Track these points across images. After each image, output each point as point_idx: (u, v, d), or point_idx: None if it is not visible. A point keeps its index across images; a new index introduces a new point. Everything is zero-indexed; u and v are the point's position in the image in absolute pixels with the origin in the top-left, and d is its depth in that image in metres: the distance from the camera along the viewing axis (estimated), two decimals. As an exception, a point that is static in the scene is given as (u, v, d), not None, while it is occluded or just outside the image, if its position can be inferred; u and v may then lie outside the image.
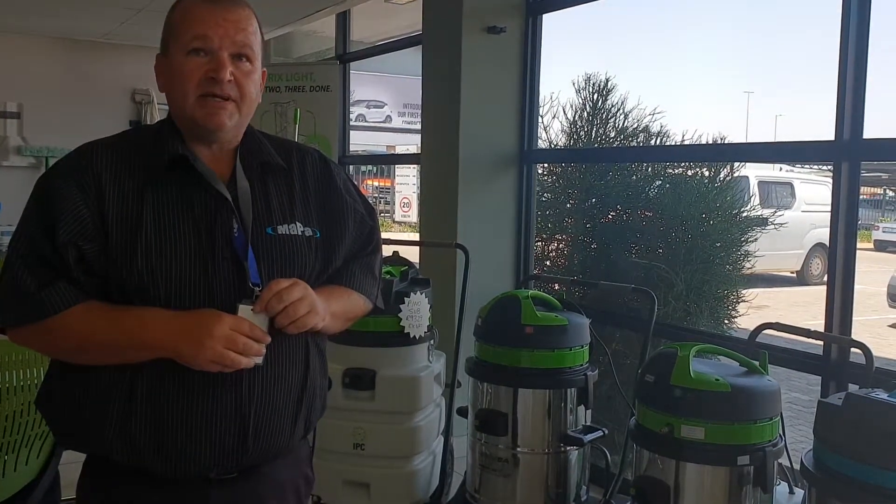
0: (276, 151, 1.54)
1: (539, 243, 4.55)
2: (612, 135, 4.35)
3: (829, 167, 3.09)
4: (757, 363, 2.44)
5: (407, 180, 16.96)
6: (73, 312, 1.35)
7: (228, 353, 1.32)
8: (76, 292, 1.36)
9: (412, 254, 4.21)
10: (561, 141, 4.47)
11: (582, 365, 2.98)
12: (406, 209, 17.01)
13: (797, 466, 2.21)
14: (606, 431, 3.02)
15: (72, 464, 2.62)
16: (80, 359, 1.40)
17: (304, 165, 1.57)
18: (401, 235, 13.60)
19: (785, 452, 2.38)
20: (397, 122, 15.66)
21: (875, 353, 2.44)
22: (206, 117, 1.41)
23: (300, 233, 1.49)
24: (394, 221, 17.36)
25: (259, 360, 1.36)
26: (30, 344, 1.46)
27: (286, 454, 1.53)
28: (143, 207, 1.38)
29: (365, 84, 13.88)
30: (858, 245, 2.99)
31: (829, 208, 2.93)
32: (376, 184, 18.45)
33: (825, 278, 3.00)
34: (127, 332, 1.35)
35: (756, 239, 4.07)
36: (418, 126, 4.69)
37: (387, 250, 1.75)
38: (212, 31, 1.40)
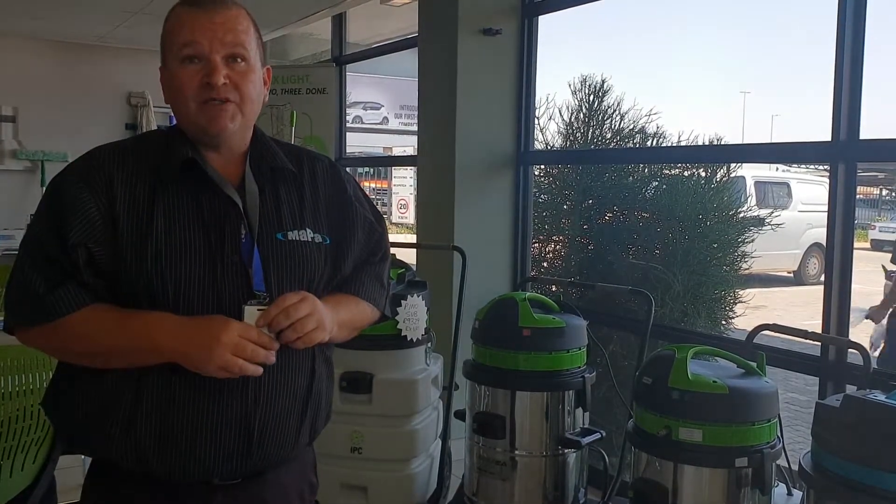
0: (286, 157, 1.53)
1: (536, 245, 4.55)
2: (609, 136, 4.35)
3: (826, 167, 3.09)
4: (754, 364, 2.44)
5: (404, 182, 16.92)
6: (81, 315, 1.35)
7: (237, 361, 1.31)
8: (85, 294, 1.36)
9: (409, 256, 4.21)
10: (557, 142, 4.48)
11: (579, 367, 2.98)
12: (403, 211, 16.99)
13: (795, 467, 2.21)
14: (604, 434, 3.02)
15: (68, 469, 2.62)
16: (87, 361, 1.39)
17: (315, 172, 1.56)
18: (398, 237, 13.59)
19: (783, 454, 2.38)
20: (394, 124, 15.64)
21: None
22: (208, 122, 1.41)
23: (310, 239, 1.49)
24: (391, 223, 17.34)
25: (271, 359, 1.35)
26: (38, 345, 1.45)
27: (291, 460, 1.53)
28: (153, 211, 1.38)
29: (362, 86, 13.87)
30: (855, 245, 2.99)
31: (825, 208, 2.93)
32: (373, 185, 18.43)
33: (822, 278, 3.00)
34: (134, 337, 1.35)
35: (753, 239, 4.07)
36: (415, 128, 4.69)
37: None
38: (200, 36, 1.39)
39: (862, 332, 4.79)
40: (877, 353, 4.52)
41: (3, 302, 1.47)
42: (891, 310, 4.61)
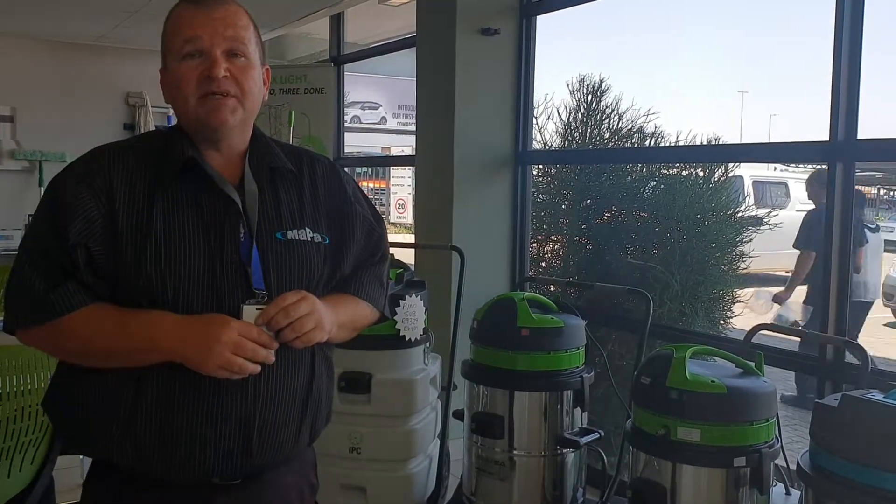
0: (286, 157, 1.54)
1: (534, 245, 4.55)
2: (607, 136, 4.36)
3: (824, 167, 3.10)
4: (753, 364, 2.44)
5: (402, 181, 16.92)
6: (80, 315, 1.35)
7: (237, 360, 1.32)
8: (84, 294, 1.36)
9: (408, 256, 4.20)
10: (555, 142, 4.47)
11: (578, 367, 2.98)
12: (401, 210, 16.98)
13: (794, 467, 2.21)
14: (603, 433, 3.02)
15: (67, 469, 2.62)
16: (88, 361, 1.39)
17: (315, 172, 1.57)
18: (396, 237, 13.58)
19: (781, 453, 2.38)
20: (392, 124, 15.63)
21: (871, 352, 2.44)
22: (208, 115, 1.41)
23: (309, 238, 1.49)
24: (389, 223, 17.32)
25: (271, 359, 1.36)
26: (38, 345, 1.45)
27: (291, 461, 1.53)
28: (153, 210, 1.38)
29: (360, 86, 13.86)
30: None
31: (823, 208, 2.94)
32: (371, 185, 18.42)
33: (820, 277, 3.00)
34: (134, 337, 1.35)
35: (751, 239, 4.08)
36: (413, 127, 4.69)
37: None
38: (200, 31, 1.40)
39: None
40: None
41: (2, 302, 1.47)
42: (806, 287, 5.00)
